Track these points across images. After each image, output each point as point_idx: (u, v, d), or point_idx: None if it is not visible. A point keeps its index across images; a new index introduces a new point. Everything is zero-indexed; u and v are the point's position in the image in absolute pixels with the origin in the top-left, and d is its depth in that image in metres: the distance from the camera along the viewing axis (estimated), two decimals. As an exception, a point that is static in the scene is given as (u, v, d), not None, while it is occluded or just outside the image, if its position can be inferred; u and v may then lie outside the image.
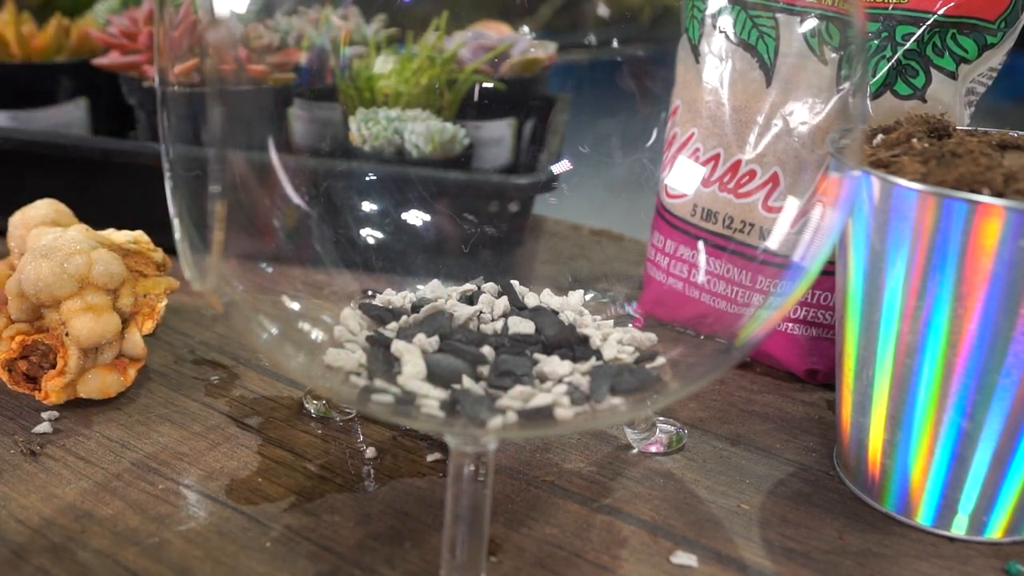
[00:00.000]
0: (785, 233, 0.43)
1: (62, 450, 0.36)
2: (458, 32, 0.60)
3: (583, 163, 0.51)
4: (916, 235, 0.32)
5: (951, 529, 0.35)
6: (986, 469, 0.33)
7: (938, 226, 0.31)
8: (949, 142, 0.34)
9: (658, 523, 0.34)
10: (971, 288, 0.31)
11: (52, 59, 0.64)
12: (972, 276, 0.31)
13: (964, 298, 0.31)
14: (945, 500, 0.34)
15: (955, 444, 0.33)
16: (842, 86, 0.41)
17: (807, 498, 0.36)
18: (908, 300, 0.33)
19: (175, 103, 0.30)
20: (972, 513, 0.34)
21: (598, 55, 0.53)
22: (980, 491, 0.34)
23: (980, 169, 0.31)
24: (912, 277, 0.32)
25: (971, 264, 0.31)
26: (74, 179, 0.55)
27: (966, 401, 0.32)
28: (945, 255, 0.31)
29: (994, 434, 0.33)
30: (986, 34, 0.40)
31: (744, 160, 0.42)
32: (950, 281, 0.32)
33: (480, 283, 0.37)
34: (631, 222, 0.58)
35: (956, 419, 0.33)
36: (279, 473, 0.36)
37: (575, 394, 0.30)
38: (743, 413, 0.43)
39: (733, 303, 0.46)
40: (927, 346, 0.33)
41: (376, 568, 0.31)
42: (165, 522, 0.33)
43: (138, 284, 0.40)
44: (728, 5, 0.43)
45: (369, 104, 0.57)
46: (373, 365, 0.31)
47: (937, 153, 0.33)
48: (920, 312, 0.32)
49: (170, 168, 0.29)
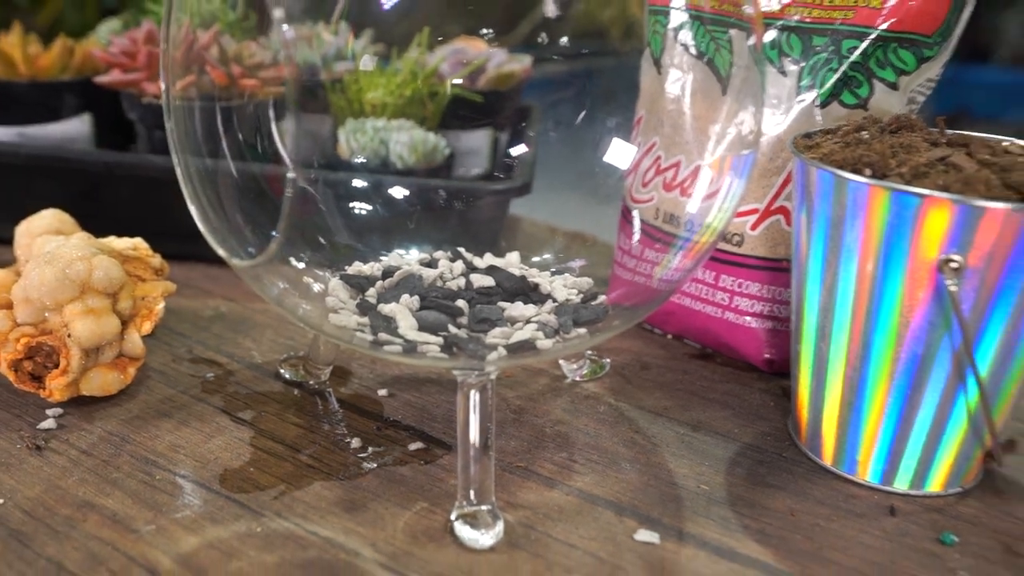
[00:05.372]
0: (745, 232, 0.44)
1: (65, 444, 0.37)
2: (440, 48, 0.60)
3: (557, 169, 0.52)
4: (865, 226, 0.33)
5: (894, 485, 0.36)
6: (926, 433, 0.35)
7: (886, 217, 0.32)
8: (890, 137, 0.35)
9: (624, 504, 0.35)
10: (917, 275, 0.32)
11: (57, 78, 0.63)
12: (919, 265, 0.32)
13: (911, 284, 0.32)
14: (890, 461, 0.36)
15: (899, 413, 0.35)
16: (801, 96, 0.42)
17: (762, 478, 0.37)
18: (861, 287, 0.33)
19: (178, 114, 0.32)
20: (914, 471, 0.36)
21: (571, 68, 0.54)
22: (921, 452, 0.35)
23: (869, 153, 0.32)
24: (862, 265, 0.33)
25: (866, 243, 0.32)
26: (78, 190, 0.55)
27: (910, 376, 0.34)
28: (895, 245, 0.32)
29: (933, 403, 0.34)
30: (924, 48, 0.40)
31: (703, 166, 0.43)
32: (899, 269, 0.32)
33: (431, 251, 0.42)
34: (604, 225, 0.58)
35: (901, 392, 0.34)
36: (270, 463, 0.36)
37: (546, 329, 0.35)
38: (704, 401, 0.43)
39: (697, 300, 0.47)
40: (877, 328, 0.34)
41: (360, 551, 0.31)
42: (162, 510, 0.33)
43: (137, 288, 0.41)
44: (688, 20, 0.44)
45: (358, 115, 0.57)
46: (375, 322, 0.34)
47: (853, 140, 0.34)
48: (874, 295, 0.33)
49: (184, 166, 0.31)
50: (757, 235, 0.44)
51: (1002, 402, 0.34)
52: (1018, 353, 0.33)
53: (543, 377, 0.45)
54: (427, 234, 0.43)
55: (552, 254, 0.43)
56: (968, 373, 0.33)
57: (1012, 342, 0.33)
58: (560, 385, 0.44)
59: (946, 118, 0.37)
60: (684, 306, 0.47)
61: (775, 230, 0.43)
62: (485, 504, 0.32)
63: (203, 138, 0.32)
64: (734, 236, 0.44)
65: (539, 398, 0.43)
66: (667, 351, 0.49)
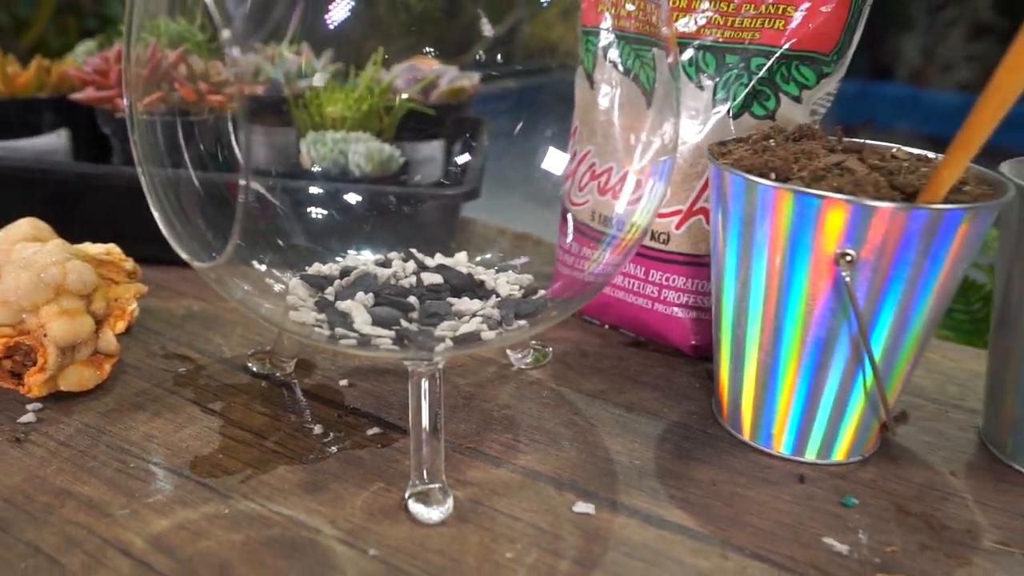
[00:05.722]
0: (671, 231, 0.45)
1: (44, 436, 0.36)
2: (395, 65, 0.60)
3: (504, 176, 0.52)
4: (773, 224, 0.33)
5: (804, 455, 0.37)
6: (830, 408, 0.36)
7: (791, 216, 0.33)
8: (793, 144, 0.36)
9: (563, 479, 0.35)
10: (818, 265, 0.33)
11: (35, 95, 0.62)
12: (819, 259, 0.33)
13: (814, 275, 0.33)
14: (800, 434, 0.37)
15: (807, 392, 0.35)
16: (717, 108, 0.43)
17: (688, 452, 0.38)
18: (771, 279, 0.34)
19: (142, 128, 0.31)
20: (820, 442, 0.36)
21: (515, 84, 0.54)
22: (826, 425, 0.36)
23: (775, 159, 0.33)
24: (771, 259, 0.34)
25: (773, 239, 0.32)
26: (55, 200, 0.54)
27: (815, 358, 0.34)
28: (799, 241, 0.33)
29: (836, 381, 0.35)
30: (822, 65, 0.41)
31: (631, 172, 0.43)
32: (803, 262, 0.33)
33: (385, 252, 0.42)
34: (549, 226, 0.59)
35: (808, 372, 0.35)
36: (238, 450, 0.36)
37: (490, 321, 0.35)
38: (637, 384, 0.44)
39: (630, 293, 0.47)
40: (786, 316, 0.34)
41: (321, 528, 0.31)
42: (135, 495, 0.32)
43: (110, 290, 0.40)
44: (615, 40, 0.44)
45: (319, 127, 0.57)
46: (331, 318, 0.34)
47: (761, 148, 0.35)
48: (782, 286, 0.34)
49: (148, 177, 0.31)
50: (681, 234, 0.45)
51: (894, 379, 0.35)
52: (908, 336, 0.34)
53: (492, 365, 0.45)
54: (382, 237, 0.43)
55: (497, 253, 0.44)
56: (864, 355, 0.34)
57: (902, 326, 0.34)
58: (507, 372, 0.44)
59: (850, 127, 0.38)
60: (619, 299, 0.48)
61: (697, 229, 0.44)
62: (436, 483, 0.32)
63: (166, 150, 0.32)
64: (661, 235, 0.45)
65: (488, 385, 0.43)
66: (604, 340, 0.49)
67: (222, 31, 0.26)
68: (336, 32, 0.41)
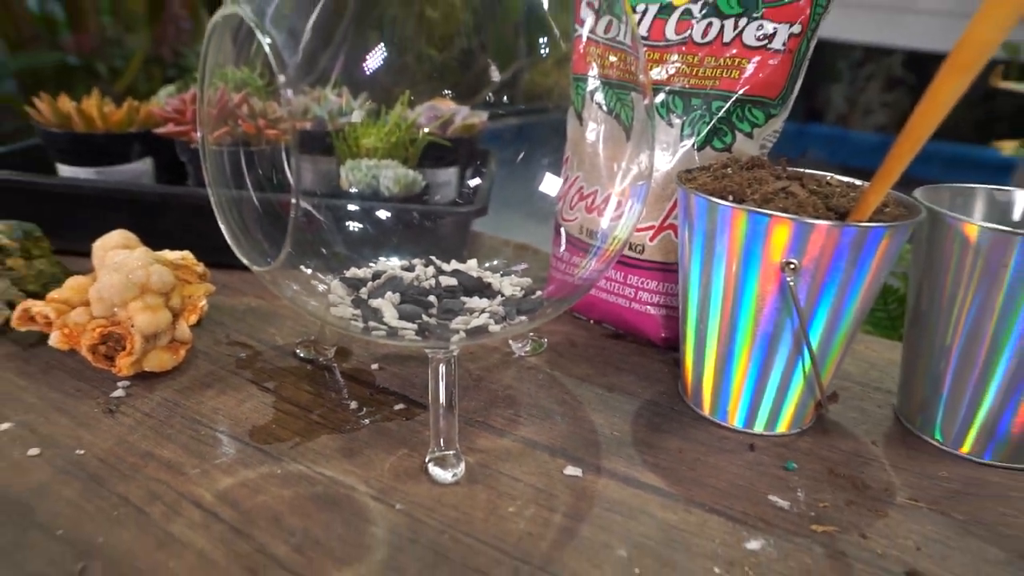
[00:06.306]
0: (645, 243, 0.45)
1: (131, 408, 0.36)
2: (419, 105, 0.60)
3: (507, 197, 0.52)
4: (730, 238, 0.33)
5: (754, 428, 0.36)
6: (775, 389, 0.35)
7: (745, 232, 0.32)
8: (747, 172, 0.36)
9: (556, 447, 0.35)
10: (767, 270, 0.33)
11: (126, 130, 0.62)
12: (768, 267, 0.33)
13: (763, 280, 0.33)
14: (751, 410, 0.36)
15: (757, 376, 0.35)
16: (684, 142, 0.43)
17: (658, 426, 0.37)
18: (728, 283, 0.34)
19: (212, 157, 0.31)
20: (767, 417, 0.36)
21: (517, 121, 0.54)
22: (772, 403, 0.36)
23: (732, 184, 0.33)
24: (728, 267, 0.34)
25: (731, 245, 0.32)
26: (141, 215, 0.54)
27: (764, 348, 0.34)
28: (751, 252, 0.33)
29: (780, 367, 0.35)
30: (770, 107, 0.41)
31: (613, 194, 0.43)
32: (755, 269, 0.33)
33: (410, 259, 0.41)
34: (544, 238, 0.58)
35: (757, 360, 0.35)
36: (288, 422, 0.36)
37: (496, 317, 0.35)
38: (617, 369, 0.44)
39: (611, 294, 0.47)
40: (740, 314, 0.34)
41: (356, 487, 0.31)
42: (205, 457, 0.33)
43: (185, 289, 0.40)
44: (600, 85, 0.44)
45: (355, 156, 0.57)
46: (365, 313, 0.34)
47: (721, 175, 0.35)
48: (737, 289, 0.34)
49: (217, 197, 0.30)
50: (654, 245, 0.44)
51: (828, 366, 0.35)
52: (839, 330, 0.34)
53: (497, 353, 0.45)
54: (407, 246, 0.43)
55: (502, 260, 0.44)
56: (803, 346, 0.34)
57: (834, 323, 0.33)
58: (510, 359, 0.44)
59: (792, 159, 0.38)
60: (602, 299, 0.48)
61: (667, 241, 0.44)
62: (451, 449, 0.32)
63: (231, 174, 0.32)
64: (637, 246, 0.45)
65: (493, 369, 0.43)
66: (590, 333, 0.49)
67: (278, 77, 0.26)
68: (371, 78, 0.41)
